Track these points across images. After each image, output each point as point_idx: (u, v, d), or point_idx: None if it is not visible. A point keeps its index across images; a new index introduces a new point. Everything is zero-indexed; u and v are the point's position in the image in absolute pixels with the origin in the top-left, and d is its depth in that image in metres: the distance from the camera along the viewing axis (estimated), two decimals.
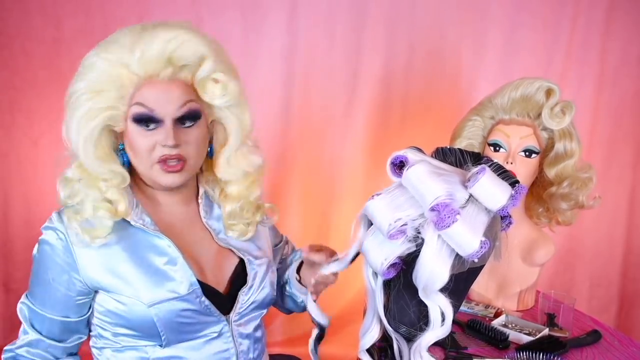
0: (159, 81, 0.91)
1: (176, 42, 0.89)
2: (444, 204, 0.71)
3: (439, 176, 0.74)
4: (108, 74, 0.90)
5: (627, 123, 2.21)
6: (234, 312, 1.01)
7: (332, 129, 2.21)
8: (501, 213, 0.78)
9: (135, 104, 0.91)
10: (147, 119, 0.91)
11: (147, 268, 0.94)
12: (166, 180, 0.94)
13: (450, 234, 0.71)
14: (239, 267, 1.04)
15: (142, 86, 0.91)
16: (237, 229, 1.06)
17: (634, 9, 2.11)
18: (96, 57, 0.91)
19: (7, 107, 2.14)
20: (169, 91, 0.91)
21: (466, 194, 0.74)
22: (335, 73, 2.16)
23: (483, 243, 0.71)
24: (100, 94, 0.90)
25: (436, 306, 0.77)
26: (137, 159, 0.94)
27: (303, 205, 2.17)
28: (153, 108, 0.90)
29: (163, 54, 0.89)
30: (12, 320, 2.27)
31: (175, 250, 0.96)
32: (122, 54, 0.90)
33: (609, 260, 2.33)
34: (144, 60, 0.89)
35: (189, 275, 0.95)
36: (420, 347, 0.79)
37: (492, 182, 0.74)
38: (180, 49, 0.90)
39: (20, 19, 2.06)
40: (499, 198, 0.73)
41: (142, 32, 0.90)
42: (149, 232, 0.96)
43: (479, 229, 0.72)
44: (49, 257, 0.95)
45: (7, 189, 2.19)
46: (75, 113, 0.91)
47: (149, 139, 0.92)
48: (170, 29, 0.90)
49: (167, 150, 0.92)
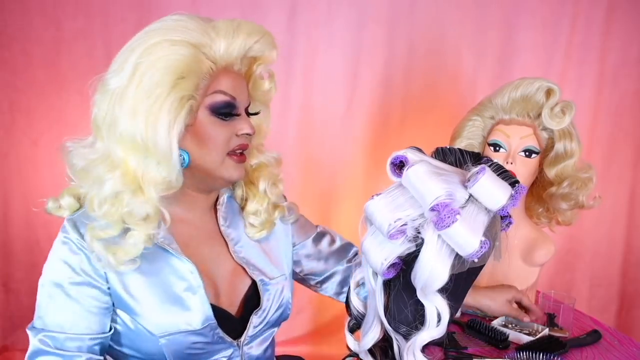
0: (233, 72, 0.91)
1: (257, 35, 0.91)
2: (444, 204, 0.71)
3: (439, 176, 0.74)
4: (191, 59, 0.84)
5: (627, 123, 2.21)
6: (245, 335, 0.98)
7: (332, 129, 2.21)
8: (501, 213, 0.78)
9: (215, 92, 0.89)
10: (229, 106, 0.90)
11: (165, 294, 0.90)
12: (236, 173, 0.93)
13: (450, 234, 0.71)
14: (252, 287, 1.01)
15: (218, 76, 0.89)
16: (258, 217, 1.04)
17: (634, 9, 2.11)
18: (172, 41, 0.84)
19: (7, 107, 2.14)
20: (241, 81, 0.93)
21: (466, 194, 0.74)
22: (335, 73, 2.16)
23: (483, 243, 0.71)
24: (184, 81, 0.84)
25: (433, 306, 0.77)
26: (209, 153, 0.90)
27: (303, 205, 2.16)
28: (235, 96, 0.90)
29: (246, 46, 0.90)
30: (12, 320, 2.27)
31: (197, 278, 0.92)
32: (199, 39, 0.86)
33: (609, 260, 2.33)
34: (229, 50, 0.88)
35: (206, 308, 0.92)
36: (414, 346, 0.79)
37: (492, 182, 0.74)
38: (260, 43, 0.92)
39: (21, 20, 2.06)
40: (499, 198, 0.73)
41: (211, 22, 0.90)
42: (173, 253, 0.92)
43: (479, 229, 0.72)
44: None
45: (7, 189, 2.20)
46: (159, 107, 0.82)
47: (227, 129, 0.90)
48: (249, 24, 0.91)
49: (243, 140, 0.93)
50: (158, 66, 0.83)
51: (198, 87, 0.87)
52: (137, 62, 0.84)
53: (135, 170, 0.85)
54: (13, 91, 2.12)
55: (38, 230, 2.19)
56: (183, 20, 0.88)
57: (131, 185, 0.86)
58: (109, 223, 0.86)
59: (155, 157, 0.85)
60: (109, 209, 0.86)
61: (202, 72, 0.87)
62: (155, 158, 0.85)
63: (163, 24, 0.87)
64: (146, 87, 0.82)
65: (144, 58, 0.83)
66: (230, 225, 1.03)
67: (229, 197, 1.05)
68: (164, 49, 0.84)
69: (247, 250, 1.03)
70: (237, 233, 1.03)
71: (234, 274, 1.00)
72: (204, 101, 0.88)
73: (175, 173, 0.87)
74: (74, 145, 0.91)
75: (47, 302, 0.88)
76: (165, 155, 0.85)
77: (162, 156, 0.85)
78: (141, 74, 0.83)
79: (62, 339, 0.86)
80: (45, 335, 0.86)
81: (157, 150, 0.84)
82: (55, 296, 0.87)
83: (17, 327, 2.28)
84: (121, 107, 0.84)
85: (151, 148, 0.84)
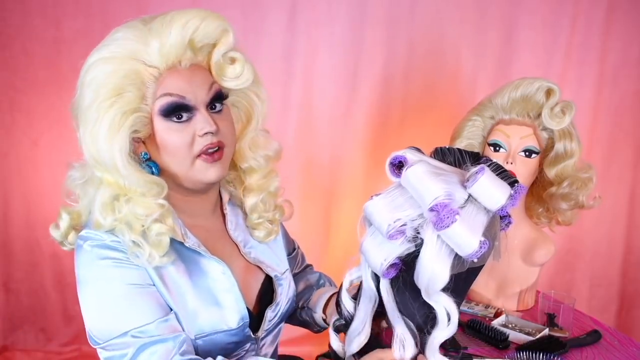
0: (180, 69, 0.86)
1: (194, 23, 0.84)
2: (443, 204, 0.71)
3: (438, 176, 0.74)
4: (124, 73, 0.82)
5: (627, 123, 2.21)
6: (262, 330, 0.99)
7: (332, 129, 2.21)
8: (500, 213, 0.78)
9: (161, 96, 0.84)
10: (178, 107, 0.84)
11: (201, 294, 0.90)
12: (210, 174, 0.88)
13: (449, 234, 0.71)
14: (264, 283, 1.03)
15: (164, 79, 0.85)
16: (263, 228, 1.03)
17: (634, 9, 2.11)
18: (103, 59, 0.83)
19: (7, 107, 2.14)
20: (193, 76, 0.86)
21: (465, 194, 0.74)
22: (335, 73, 2.16)
23: (482, 243, 0.71)
24: (122, 97, 0.82)
25: (441, 306, 0.77)
26: (174, 160, 0.87)
27: (303, 205, 2.17)
28: (183, 95, 0.85)
29: (184, 39, 0.84)
30: (12, 321, 2.27)
31: (230, 278, 0.92)
32: (133, 48, 0.83)
33: (609, 260, 2.33)
34: (164, 50, 0.83)
35: (241, 307, 0.92)
36: (432, 348, 0.79)
37: (491, 181, 0.74)
38: (201, 29, 0.85)
39: (21, 20, 2.06)
40: (498, 198, 0.73)
41: (149, 23, 0.85)
42: (205, 255, 0.91)
43: (478, 228, 0.72)
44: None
45: (7, 189, 2.20)
46: (99, 125, 0.82)
47: (185, 133, 0.85)
48: (182, 13, 0.84)
49: (208, 139, 0.86)
50: (94, 87, 0.82)
51: (144, 96, 0.84)
52: (81, 82, 0.84)
53: (117, 184, 0.85)
54: (13, 91, 2.12)
55: (38, 230, 2.19)
56: (121, 31, 0.85)
57: (120, 192, 0.85)
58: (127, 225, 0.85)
59: (112, 172, 0.84)
60: (113, 217, 0.85)
61: (143, 82, 0.84)
62: (113, 173, 0.84)
63: (108, 40, 0.85)
64: (86, 106, 0.83)
65: (84, 78, 0.84)
66: (237, 228, 1.03)
67: (230, 201, 1.05)
68: (97, 68, 0.83)
69: (257, 249, 1.04)
70: (244, 235, 1.04)
71: (247, 272, 1.01)
72: (154, 107, 0.85)
73: (143, 181, 0.85)
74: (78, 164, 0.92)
75: (117, 308, 0.84)
76: (115, 170, 0.83)
77: (114, 171, 0.84)
78: (83, 95, 0.84)
79: (152, 327, 0.83)
80: (133, 334, 0.82)
81: (107, 167, 0.84)
82: (123, 297, 0.84)
83: (17, 327, 2.28)
84: (79, 128, 0.86)
85: (102, 164, 0.84)
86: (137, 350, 0.81)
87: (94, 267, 0.85)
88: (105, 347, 0.84)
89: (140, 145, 0.89)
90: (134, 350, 0.81)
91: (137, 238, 0.84)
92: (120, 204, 0.85)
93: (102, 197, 0.85)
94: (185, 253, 0.91)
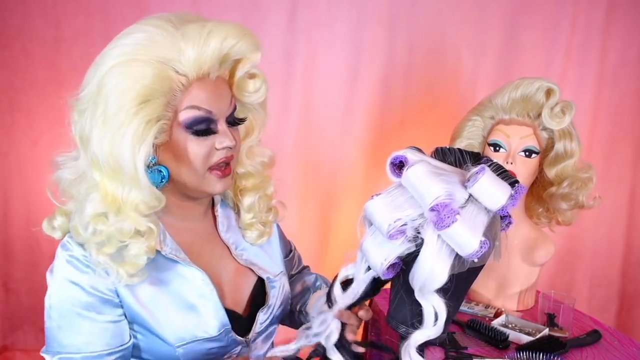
0: (208, 81, 0.84)
1: (234, 39, 0.83)
2: (444, 204, 0.71)
3: (439, 176, 0.74)
4: (153, 79, 0.79)
5: (627, 123, 2.21)
6: (253, 332, 0.99)
7: (332, 129, 2.21)
8: (501, 213, 0.78)
9: (188, 107, 0.83)
10: (205, 121, 0.84)
11: (178, 303, 0.89)
12: (220, 186, 0.88)
13: (450, 234, 0.71)
14: (256, 286, 1.02)
15: (192, 89, 0.83)
16: (255, 229, 1.03)
17: (634, 9, 2.11)
18: (128, 61, 0.79)
19: (7, 107, 2.14)
20: (219, 90, 0.85)
21: (466, 194, 0.74)
22: (335, 73, 2.16)
23: (483, 243, 0.71)
24: (149, 104, 0.79)
25: (430, 305, 0.77)
26: (188, 170, 0.86)
27: (302, 205, 2.17)
28: (210, 110, 0.84)
29: (221, 53, 0.83)
30: (12, 321, 2.27)
31: (209, 285, 0.91)
32: (165, 53, 0.80)
33: (609, 260, 2.33)
34: (200, 61, 0.81)
35: (220, 314, 0.92)
36: (409, 347, 0.79)
37: (492, 182, 0.74)
38: (239, 46, 0.84)
39: (21, 19, 2.06)
40: (499, 198, 0.73)
41: (181, 28, 0.81)
42: (182, 263, 0.90)
43: (478, 228, 0.72)
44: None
45: (7, 189, 2.19)
46: (122, 133, 0.79)
47: (204, 145, 0.85)
48: (223, 26, 0.83)
49: (224, 153, 0.87)
50: (120, 91, 0.78)
51: (168, 104, 0.82)
52: (101, 83, 0.80)
53: (114, 193, 0.83)
54: (13, 91, 2.12)
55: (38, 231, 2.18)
56: (151, 32, 0.81)
57: (112, 206, 0.83)
58: (104, 241, 0.83)
59: (127, 182, 0.82)
60: (94, 230, 0.83)
61: (172, 89, 0.82)
62: (127, 183, 0.82)
63: (131, 38, 0.82)
64: (109, 112, 0.79)
65: (107, 80, 0.79)
66: (228, 230, 1.02)
67: (222, 202, 1.04)
68: (127, 71, 0.79)
69: (249, 252, 1.03)
70: (236, 237, 1.03)
71: (238, 275, 1.00)
72: (177, 117, 0.83)
73: (153, 196, 0.84)
74: (64, 159, 0.90)
75: (59, 326, 0.85)
76: (134, 180, 0.82)
77: (132, 181, 0.82)
78: (105, 97, 0.79)
79: (79, 359, 0.84)
80: (61, 358, 0.84)
81: (124, 176, 0.81)
82: (67, 318, 0.85)
83: (17, 327, 2.28)
84: (91, 130, 0.81)
85: (119, 174, 0.81)
86: None
87: (57, 280, 0.87)
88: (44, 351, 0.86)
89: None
90: None
91: (104, 259, 0.83)
92: (105, 220, 0.83)
93: (93, 209, 0.83)
94: (162, 261, 0.90)
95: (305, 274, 1.24)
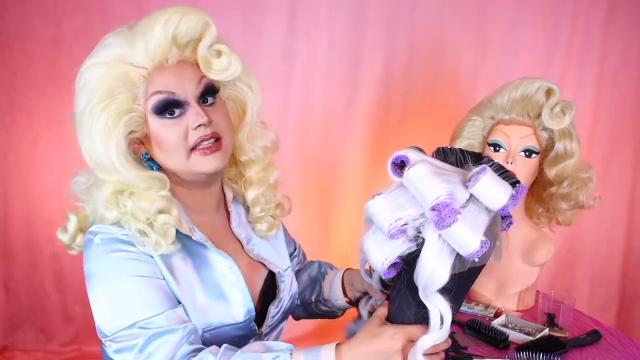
0: (168, 66, 0.88)
1: (175, 19, 0.86)
2: (445, 203, 0.71)
3: (440, 176, 0.74)
4: (114, 76, 0.85)
5: (627, 123, 2.21)
6: (265, 326, 1.01)
7: (332, 128, 2.21)
8: (502, 213, 0.78)
9: (152, 94, 0.87)
10: (170, 103, 0.87)
11: (209, 288, 0.92)
12: (208, 165, 0.89)
13: (451, 233, 0.71)
14: (267, 280, 1.04)
15: (153, 78, 0.87)
16: (265, 221, 1.05)
17: (634, 9, 2.11)
18: (93, 66, 0.87)
19: (7, 107, 2.14)
20: (181, 72, 0.88)
21: (467, 194, 0.75)
22: (335, 73, 2.16)
23: (484, 242, 0.71)
24: (114, 99, 0.86)
25: (436, 309, 0.77)
26: (170, 155, 0.89)
27: (303, 204, 2.17)
28: (173, 91, 0.87)
29: (167, 37, 0.86)
30: (12, 321, 2.27)
31: (237, 272, 0.95)
32: (121, 52, 0.86)
33: (609, 260, 2.33)
34: (150, 49, 0.86)
35: (247, 301, 0.95)
36: (415, 352, 0.79)
37: (493, 182, 0.74)
38: (183, 24, 0.87)
39: (21, 19, 2.06)
40: (500, 198, 0.73)
41: (134, 27, 0.88)
42: (212, 249, 0.94)
43: (479, 228, 0.72)
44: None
45: (7, 189, 2.19)
46: (94, 128, 0.85)
47: (178, 128, 0.87)
48: (163, 12, 0.87)
49: (201, 132, 0.88)
50: (85, 92, 0.86)
51: (136, 97, 0.87)
52: (77, 87, 0.88)
53: (119, 183, 0.88)
54: (13, 91, 2.12)
55: (38, 230, 2.18)
56: (110, 38, 0.88)
57: (125, 188, 0.88)
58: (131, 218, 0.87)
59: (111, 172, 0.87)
60: (117, 210, 0.87)
61: (133, 83, 0.86)
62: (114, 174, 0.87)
63: (97, 47, 0.88)
64: (84, 115, 0.86)
65: (78, 83, 0.87)
66: (240, 226, 1.05)
67: (235, 199, 1.07)
68: (89, 73, 0.86)
69: (259, 247, 1.06)
70: (247, 232, 1.06)
71: (250, 269, 1.02)
72: (147, 105, 0.88)
73: (148, 179, 0.88)
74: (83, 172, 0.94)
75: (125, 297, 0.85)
76: (114, 169, 0.87)
77: (113, 171, 0.87)
78: (79, 102, 0.87)
79: (161, 319, 0.84)
80: (141, 325, 0.83)
81: (106, 168, 0.87)
82: (127, 287, 0.85)
83: (17, 327, 2.28)
84: (81, 137, 0.88)
85: (102, 166, 0.87)
86: (146, 341, 0.83)
87: (103, 260, 0.87)
88: (114, 339, 0.85)
89: (140, 146, 0.92)
90: (143, 340, 0.83)
91: (143, 227, 0.86)
92: (124, 198, 0.87)
93: (105, 193, 0.88)
94: (193, 247, 0.93)
95: (307, 266, 1.26)
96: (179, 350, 0.83)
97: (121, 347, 0.84)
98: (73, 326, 2.30)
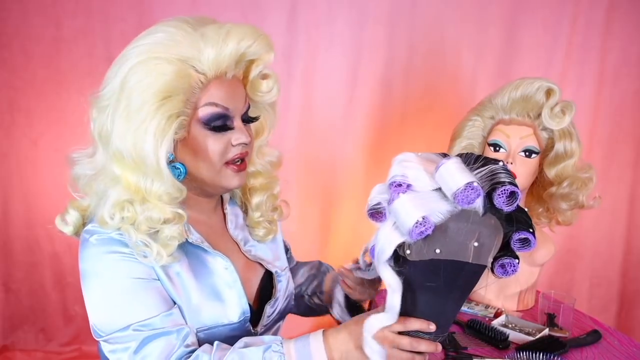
0: (226, 80, 0.88)
1: (249, 39, 0.87)
2: (396, 182, 0.76)
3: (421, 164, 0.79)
4: (174, 76, 0.83)
5: (627, 123, 2.21)
6: (261, 325, 1.01)
7: (332, 128, 2.21)
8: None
9: (206, 104, 0.87)
10: (222, 118, 0.88)
11: (205, 289, 0.92)
12: (236, 181, 0.92)
13: (392, 210, 0.76)
14: (263, 280, 1.05)
15: (209, 87, 0.87)
16: (262, 227, 1.07)
17: (634, 9, 2.11)
18: (149, 59, 0.83)
19: (7, 107, 2.14)
20: (234, 88, 0.90)
21: (434, 182, 0.77)
22: (335, 73, 2.16)
23: (417, 223, 0.73)
24: (170, 100, 0.83)
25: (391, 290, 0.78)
26: (204, 165, 0.89)
27: (303, 205, 2.17)
28: (227, 107, 0.88)
29: (237, 53, 0.87)
30: (12, 321, 2.27)
31: (233, 273, 0.95)
32: (185, 52, 0.84)
33: (609, 260, 2.33)
34: (219, 60, 0.85)
35: (242, 302, 0.95)
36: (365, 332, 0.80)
37: (454, 170, 0.75)
38: (255, 47, 0.88)
39: (20, 19, 2.06)
40: (453, 184, 0.74)
41: (199, 30, 0.85)
42: (209, 250, 0.94)
43: (420, 209, 0.74)
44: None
45: (7, 189, 2.19)
46: (145, 128, 0.82)
47: (221, 141, 0.88)
48: (239, 28, 0.87)
49: (239, 149, 0.90)
50: (143, 87, 0.82)
51: (188, 101, 0.86)
52: (124, 80, 0.83)
53: (136, 185, 0.86)
54: (13, 91, 2.12)
55: (38, 230, 2.18)
56: (171, 32, 0.85)
57: (136, 195, 0.86)
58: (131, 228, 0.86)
59: (150, 174, 0.85)
60: (120, 217, 0.85)
61: (191, 87, 0.85)
62: (150, 175, 0.85)
63: (151, 38, 0.85)
64: (133, 108, 0.83)
65: (130, 77, 0.83)
66: (237, 227, 1.06)
67: (231, 200, 1.08)
68: (149, 68, 0.83)
69: (257, 248, 1.07)
70: (244, 234, 1.06)
71: (247, 269, 1.03)
72: (195, 114, 0.87)
73: (175, 187, 0.87)
74: (79, 156, 0.92)
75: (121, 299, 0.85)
76: (157, 173, 0.85)
77: (154, 174, 0.85)
78: (128, 93, 0.83)
79: (156, 321, 0.84)
80: (136, 327, 0.83)
81: (147, 169, 0.85)
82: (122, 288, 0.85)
83: (17, 327, 2.28)
84: (113, 125, 0.85)
85: (142, 166, 0.85)
86: (141, 343, 0.83)
87: (99, 260, 0.86)
88: (108, 339, 0.85)
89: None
90: (137, 343, 0.83)
91: (144, 238, 0.85)
92: (134, 207, 0.86)
93: (117, 196, 0.86)
94: (189, 249, 0.93)
95: (304, 263, 1.27)
96: (174, 353, 0.83)
97: (114, 348, 0.84)
98: (73, 326, 2.30)
